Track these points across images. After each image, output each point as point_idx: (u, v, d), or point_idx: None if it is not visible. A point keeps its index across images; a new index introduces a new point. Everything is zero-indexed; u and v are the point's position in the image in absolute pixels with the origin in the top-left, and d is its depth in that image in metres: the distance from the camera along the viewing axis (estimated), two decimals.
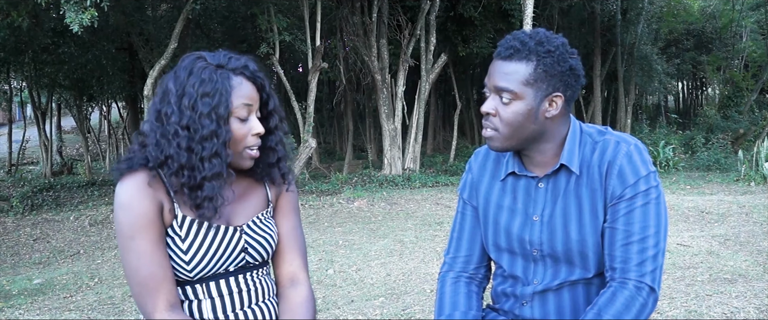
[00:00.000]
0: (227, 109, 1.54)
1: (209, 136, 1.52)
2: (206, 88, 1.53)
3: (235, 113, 1.56)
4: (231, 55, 1.61)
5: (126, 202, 1.51)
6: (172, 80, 1.57)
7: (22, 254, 8.76)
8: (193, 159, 1.52)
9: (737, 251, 6.38)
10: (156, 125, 1.56)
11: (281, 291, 1.74)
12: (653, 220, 1.59)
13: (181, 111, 1.53)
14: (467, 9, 16.25)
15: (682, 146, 18.61)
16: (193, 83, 1.54)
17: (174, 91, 1.55)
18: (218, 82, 1.54)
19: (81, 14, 8.37)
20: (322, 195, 12.14)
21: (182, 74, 1.56)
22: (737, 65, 27.39)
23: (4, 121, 30.04)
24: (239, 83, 1.57)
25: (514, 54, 1.61)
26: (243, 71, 1.59)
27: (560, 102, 1.65)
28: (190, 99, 1.53)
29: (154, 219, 1.52)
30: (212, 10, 16.62)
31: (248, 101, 1.58)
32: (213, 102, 1.52)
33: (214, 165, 1.53)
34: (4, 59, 17.32)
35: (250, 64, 1.61)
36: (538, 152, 1.72)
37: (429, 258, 6.73)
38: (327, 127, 27.15)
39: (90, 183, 16.28)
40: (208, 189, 1.53)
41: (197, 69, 1.55)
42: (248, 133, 1.59)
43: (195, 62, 1.57)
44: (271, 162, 1.71)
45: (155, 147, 1.55)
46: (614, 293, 1.58)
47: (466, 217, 1.91)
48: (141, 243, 1.50)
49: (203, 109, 1.52)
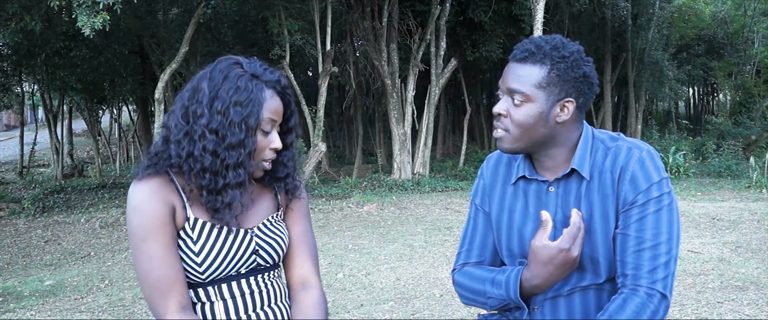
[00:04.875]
0: (257, 120, 1.54)
1: (237, 145, 1.53)
2: (241, 96, 1.53)
3: (262, 125, 1.57)
4: (266, 67, 1.61)
5: (138, 205, 1.52)
6: (206, 81, 1.56)
7: (33, 256, 8.81)
8: (218, 164, 1.53)
9: (749, 258, 6.34)
10: (182, 123, 1.56)
11: (293, 294, 1.74)
12: (665, 227, 1.59)
13: (211, 114, 1.53)
14: (477, 14, 16.25)
15: (693, 152, 18.51)
16: (227, 89, 1.53)
17: (207, 92, 1.55)
18: (253, 92, 1.54)
19: (93, 18, 8.43)
20: (332, 200, 12.15)
21: (218, 77, 1.56)
22: (749, 71, 27.24)
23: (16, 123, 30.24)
24: (271, 96, 1.58)
25: (529, 57, 1.62)
26: (275, 85, 1.59)
27: (572, 107, 1.64)
28: (222, 104, 1.53)
29: (167, 222, 1.53)
30: (223, 14, 16.71)
31: (275, 116, 1.59)
32: (245, 112, 1.53)
33: (239, 175, 1.54)
34: (16, 62, 17.49)
35: (283, 80, 1.62)
36: (549, 157, 1.71)
37: (438, 263, 6.72)
38: (337, 131, 27.20)
39: (101, 186, 16.36)
40: (230, 197, 1.55)
41: (233, 75, 1.55)
42: (268, 146, 1.60)
43: (232, 68, 1.57)
44: (280, 177, 1.73)
45: (177, 144, 1.56)
46: (625, 299, 1.57)
47: (478, 223, 1.90)
48: (153, 246, 1.51)
49: (235, 117, 1.52)
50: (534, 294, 1.70)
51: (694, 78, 30.63)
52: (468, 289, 1.81)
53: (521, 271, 1.67)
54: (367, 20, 15.15)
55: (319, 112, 14.09)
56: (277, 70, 1.64)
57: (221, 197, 1.54)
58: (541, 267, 1.61)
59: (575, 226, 1.58)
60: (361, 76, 18.11)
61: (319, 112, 14.09)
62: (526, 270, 1.65)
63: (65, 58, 16.77)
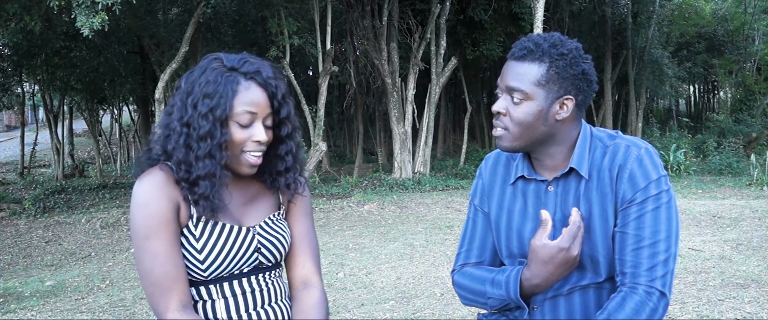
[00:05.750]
0: (225, 112, 1.54)
1: (204, 136, 1.53)
2: (209, 88, 1.54)
3: (236, 118, 1.56)
4: (247, 59, 1.60)
5: (143, 201, 1.52)
6: (185, 77, 1.60)
7: (34, 256, 8.82)
8: (190, 156, 1.54)
9: (750, 256, 6.34)
10: (166, 120, 1.60)
11: (294, 293, 1.74)
12: (664, 224, 1.58)
13: (185, 108, 1.56)
14: (477, 12, 16.25)
15: (694, 150, 18.49)
16: (200, 83, 1.55)
17: (184, 88, 1.58)
18: (221, 85, 1.54)
19: (92, 18, 8.43)
20: (333, 199, 12.15)
21: (196, 72, 1.58)
22: (749, 68, 27.21)
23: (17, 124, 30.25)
24: (246, 88, 1.57)
25: (528, 55, 1.61)
26: (254, 76, 1.57)
27: (571, 105, 1.64)
28: (194, 98, 1.55)
29: (171, 219, 1.53)
30: (223, 14, 16.69)
31: (252, 108, 1.57)
32: (212, 103, 1.53)
33: (207, 165, 1.54)
34: (17, 63, 17.48)
35: (265, 70, 1.59)
36: (548, 155, 1.71)
37: (439, 262, 6.72)
38: (337, 131, 27.19)
39: (101, 186, 16.37)
40: (203, 187, 1.54)
41: (209, 69, 1.57)
42: (248, 138, 1.58)
43: (210, 62, 1.59)
44: (279, 170, 1.71)
45: (161, 140, 1.59)
46: (624, 298, 1.57)
47: (478, 223, 1.90)
48: (156, 243, 1.51)
49: (202, 109, 1.53)
50: (534, 294, 1.70)
51: (695, 75, 30.60)
52: (468, 290, 1.81)
53: (521, 271, 1.67)
54: (367, 19, 15.15)
55: (320, 112, 14.09)
56: (266, 62, 1.64)
57: (197, 188, 1.55)
58: (541, 266, 1.61)
59: (575, 225, 1.58)
60: (361, 75, 18.10)
61: (319, 111, 14.09)
62: (526, 270, 1.65)
63: (65, 58, 16.76)
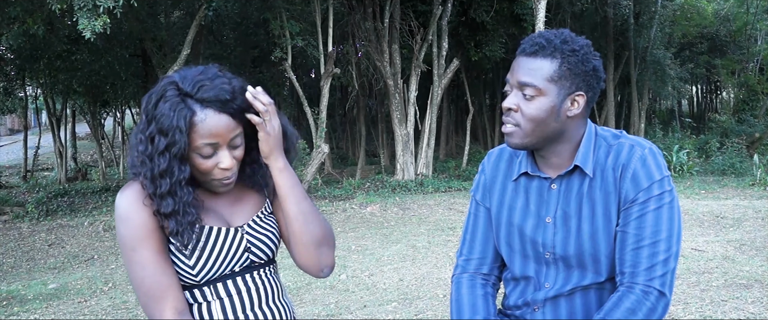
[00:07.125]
0: (180, 149, 1.46)
1: (163, 174, 1.48)
2: (164, 123, 1.45)
3: (196, 151, 1.50)
4: (203, 82, 1.47)
5: (124, 215, 1.51)
6: (145, 101, 1.50)
7: (37, 259, 8.82)
8: (156, 190, 1.50)
9: (753, 256, 6.32)
10: (134, 141, 1.54)
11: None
12: (666, 224, 1.58)
13: (145, 140, 1.49)
14: (479, 14, 16.24)
15: (697, 150, 18.46)
16: (156, 115, 1.46)
17: (144, 117, 1.50)
18: (174, 119, 1.44)
19: (94, 21, 8.43)
20: (335, 201, 12.15)
21: (153, 99, 1.48)
22: (752, 68, 27.18)
23: (20, 127, 30.30)
24: (202, 120, 1.47)
25: (539, 51, 1.61)
26: (212, 104, 1.47)
27: (582, 101, 1.64)
28: (151, 132, 1.47)
29: (155, 229, 1.52)
30: (225, 17, 16.72)
31: (211, 140, 1.49)
32: (167, 140, 1.45)
33: (169, 203, 1.49)
34: (19, 66, 17.52)
35: (223, 94, 1.47)
36: (554, 153, 1.71)
37: (442, 263, 6.71)
38: (339, 133, 27.20)
39: (104, 189, 16.38)
40: (171, 225, 1.51)
41: (163, 98, 1.47)
42: (214, 167, 1.53)
43: (166, 88, 1.48)
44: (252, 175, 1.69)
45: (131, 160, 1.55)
46: (621, 297, 1.56)
47: (479, 219, 1.89)
48: (143, 253, 1.50)
49: (159, 146, 1.46)
50: None
51: (697, 76, 30.57)
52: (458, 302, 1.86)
53: None
54: (369, 21, 15.15)
55: (322, 114, 14.09)
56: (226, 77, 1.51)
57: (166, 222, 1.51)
58: None
59: None
60: (363, 77, 18.09)
61: (321, 113, 14.09)
62: None
63: (67, 62, 16.78)
